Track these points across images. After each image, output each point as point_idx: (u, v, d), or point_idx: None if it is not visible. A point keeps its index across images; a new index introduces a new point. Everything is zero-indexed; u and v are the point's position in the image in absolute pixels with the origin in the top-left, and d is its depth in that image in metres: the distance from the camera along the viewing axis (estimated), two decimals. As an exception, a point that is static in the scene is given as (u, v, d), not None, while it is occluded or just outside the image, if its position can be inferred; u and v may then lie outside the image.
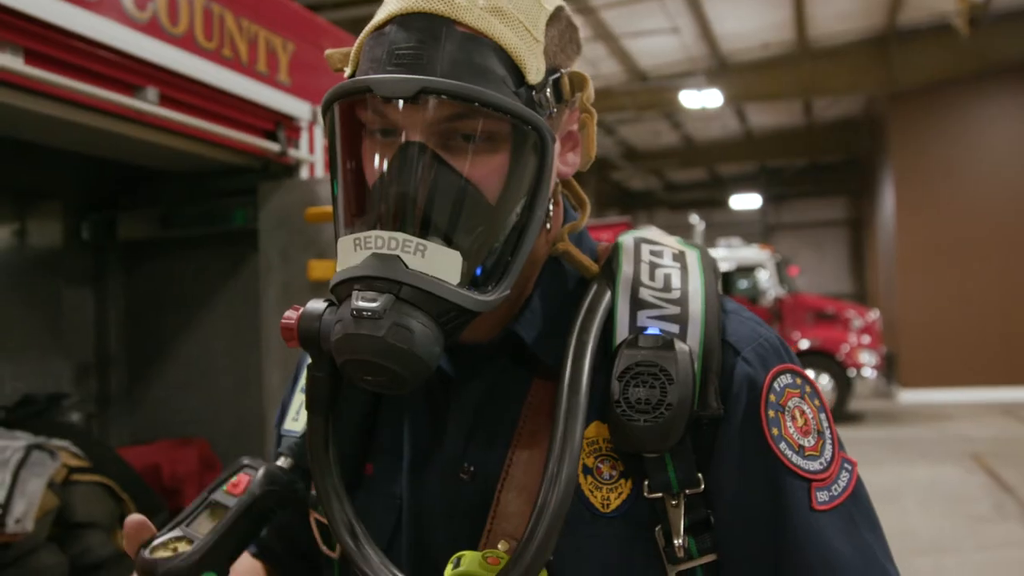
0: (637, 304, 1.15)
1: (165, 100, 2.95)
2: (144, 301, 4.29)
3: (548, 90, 1.10)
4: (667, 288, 1.17)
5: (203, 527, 1.22)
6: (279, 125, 3.53)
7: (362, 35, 1.11)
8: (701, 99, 16.95)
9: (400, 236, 1.01)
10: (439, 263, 1.01)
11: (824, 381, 14.41)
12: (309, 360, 1.27)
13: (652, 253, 1.22)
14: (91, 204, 4.19)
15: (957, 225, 17.43)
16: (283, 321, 1.12)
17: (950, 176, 17.60)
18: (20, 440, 2.86)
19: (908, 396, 17.27)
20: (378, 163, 1.07)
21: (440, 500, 1.16)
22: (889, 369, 16.56)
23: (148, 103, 2.87)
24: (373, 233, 1.02)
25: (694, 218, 17.53)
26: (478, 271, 1.06)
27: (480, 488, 1.14)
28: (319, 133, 3.74)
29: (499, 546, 1.09)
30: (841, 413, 14.13)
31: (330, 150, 1.14)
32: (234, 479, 1.25)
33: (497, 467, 1.14)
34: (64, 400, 3.33)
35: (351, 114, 1.11)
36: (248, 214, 3.87)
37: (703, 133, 22.59)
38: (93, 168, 3.84)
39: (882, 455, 10.91)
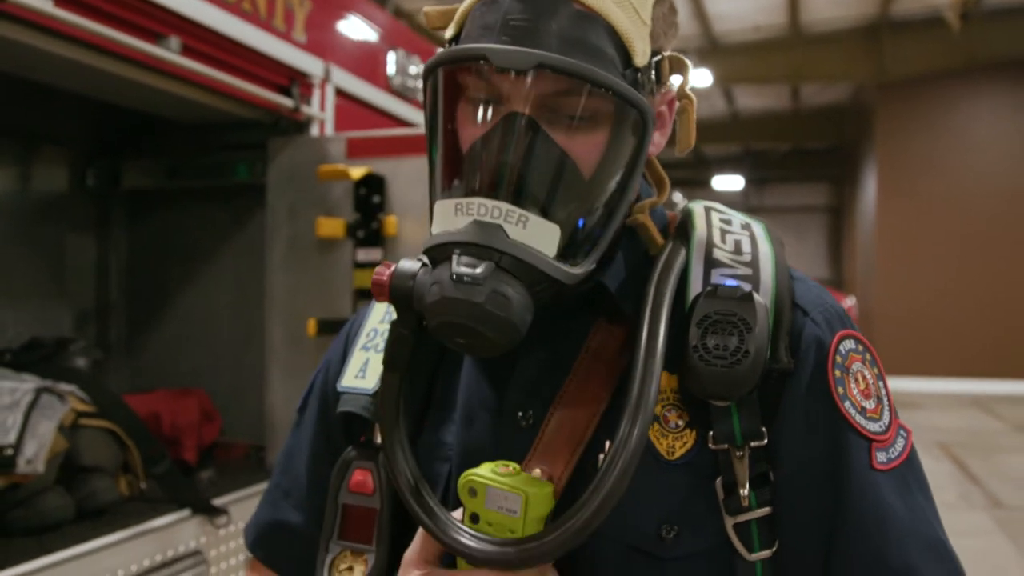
0: (711, 263, 1.18)
1: (187, 50, 2.95)
2: (147, 251, 4.28)
3: (652, 72, 1.12)
4: (738, 252, 1.20)
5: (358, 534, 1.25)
6: (293, 81, 3.53)
7: (469, 0, 1.13)
8: (691, 79, 16.92)
9: (504, 206, 1.03)
10: (539, 235, 1.04)
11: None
12: (369, 323, 1.35)
13: (722, 220, 1.26)
14: (97, 151, 4.17)
15: (938, 217, 17.57)
16: (375, 277, 1.13)
17: (933, 168, 17.72)
18: (28, 383, 2.87)
19: (881, 383, 17.41)
20: (478, 131, 1.09)
21: (495, 448, 1.18)
22: (863, 356, 16.68)
23: (171, 52, 2.87)
24: (476, 200, 1.04)
25: (678, 196, 17.55)
26: (570, 244, 1.08)
27: (535, 433, 1.16)
28: (330, 91, 3.75)
29: (535, 473, 1.11)
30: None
31: (430, 113, 1.15)
32: (352, 476, 1.26)
33: (550, 405, 1.16)
34: (71, 345, 3.33)
35: (452, 79, 1.13)
36: (252, 169, 3.87)
37: (690, 112, 22.58)
38: (100, 115, 3.82)
39: (855, 440, 11.02)
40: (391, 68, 4.25)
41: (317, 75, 3.65)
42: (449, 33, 1.15)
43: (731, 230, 1.24)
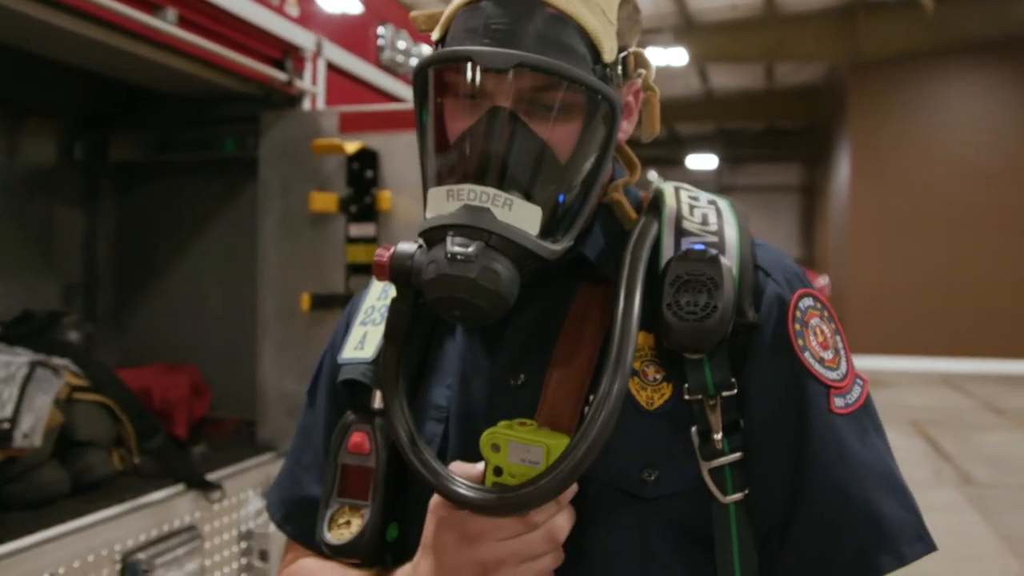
0: (681, 232, 1.31)
1: (183, 22, 2.92)
2: (136, 224, 4.24)
3: (619, 67, 1.24)
4: (705, 223, 1.33)
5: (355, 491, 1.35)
6: (286, 54, 3.51)
7: (454, 5, 1.24)
8: (666, 57, 16.99)
9: (491, 191, 1.15)
10: (523, 216, 1.16)
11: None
12: (367, 301, 1.49)
13: (690, 197, 1.38)
14: (85, 123, 4.12)
15: (909, 197, 17.73)
16: (376, 258, 1.25)
17: (906, 149, 17.86)
18: (22, 356, 2.84)
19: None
20: (467, 124, 1.20)
21: (489, 407, 1.29)
22: (835, 335, 16.84)
23: (167, 23, 2.84)
24: (466, 187, 1.16)
25: (653, 175, 17.66)
26: (550, 223, 1.20)
27: (530, 394, 1.27)
28: (322, 65, 3.72)
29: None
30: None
31: (420, 108, 1.27)
32: (351, 438, 1.36)
33: (544, 367, 1.27)
34: (64, 318, 3.30)
35: (441, 78, 1.24)
36: (242, 142, 3.84)
37: (664, 91, 21.94)
38: (89, 86, 3.77)
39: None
40: (381, 43, 4.22)
41: (309, 49, 3.62)
42: (435, 35, 1.27)
43: (698, 205, 1.36)
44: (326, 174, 3.47)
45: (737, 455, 1.21)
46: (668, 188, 1.39)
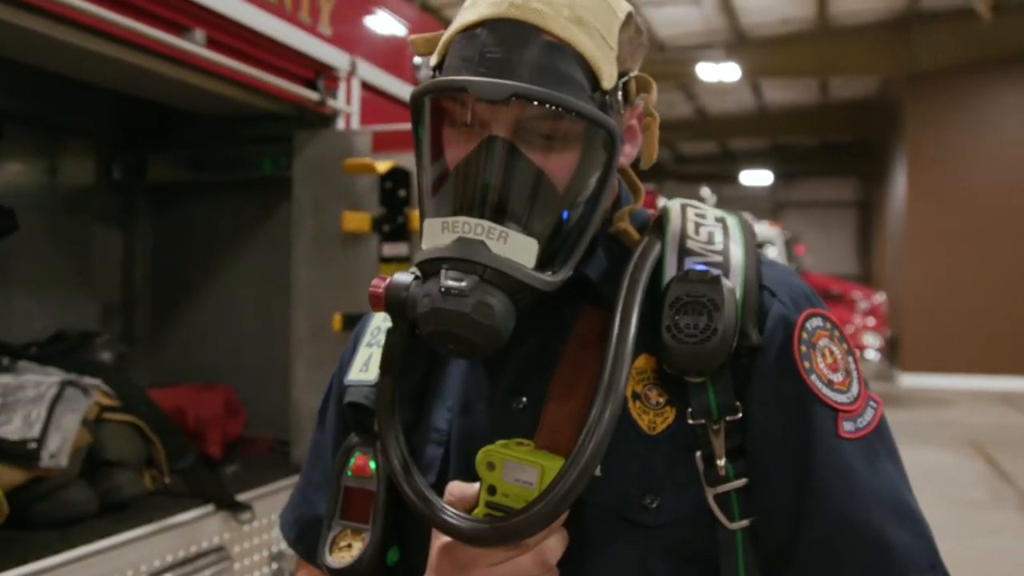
0: (684, 252, 1.28)
1: (212, 43, 2.93)
2: (172, 244, 4.27)
3: (619, 93, 1.22)
4: (710, 242, 1.30)
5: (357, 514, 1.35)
6: (319, 74, 3.52)
7: (450, 31, 1.23)
8: (718, 72, 16.90)
9: (485, 224, 1.14)
10: (518, 249, 1.15)
11: (827, 361, 14.36)
12: (373, 323, 1.49)
13: (697, 215, 1.35)
14: (122, 144, 4.17)
15: (968, 212, 17.40)
16: (371, 289, 1.25)
17: (964, 162, 17.55)
18: (53, 376, 2.86)
19: (909, 380, 17.31)
20: (463, 153, 1.19)
21: (490, 430, 1.26)
22: (892, 352, 16.59)
23: (195, 44, 2.85)
24: (461, 219, 1.15)
25: (705, 191, 17.50)
26: (547, 254, 1.19)
27: (531, 417, 1.25)
28: (356, 85, 3.73)
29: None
30: (842, 393, 14.08)
31: (416, 137, 1.26)
32: (354, 462, 1.36)
33: (545, 390, 1.25)
34: (96, 338, 3.33)
35: (437, 107, 1.23)
36: (277, 162, 3.85)
37: (717, 106, 22.50)
38: (126, 107, 3.82)
39: (882, 437, 10.94)
40: (417, 60, 4.22)
41: (343, 68, 3.63)
42: (433, 61, 1.26)
43: (705, 223, 1.33)
44: (359, 193, 3.46)
45: (743, 481, 1.20)
46: (675, 206, 1.37)
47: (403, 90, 4.10)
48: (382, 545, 1.31)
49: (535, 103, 1.13)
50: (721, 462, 1.18)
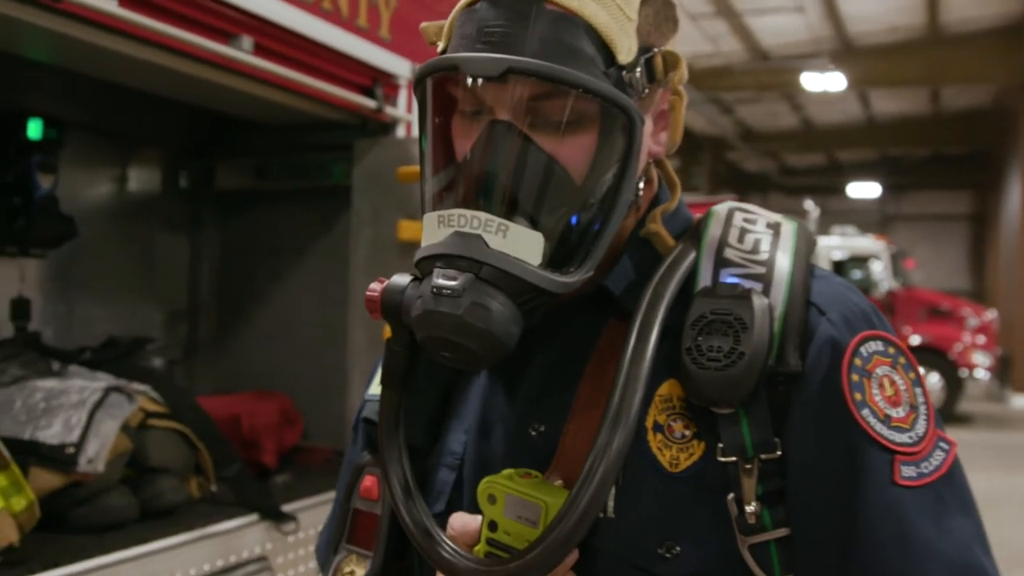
0: (721, 263, 1.13)
1: (259, 50, 2.92)
2: (237, 251, 4.30)
3: (639, 70, 1.09)
4: (755, 251, 1.14)
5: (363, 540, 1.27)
6: (376, 81, 3.48)
7: (454, 11, 1.13)
8: (823, 82, 16.57)
9: (483, 216, 1.02)
10: (521, 244, 1.02)
11: (934, 380, 13.96)
12: None
13: (745, 220, 1.19)
14: (190, 153, 4.22)
15: (1088, 226, 16.70)
16: (367, 293, 1.15)
17: (1083, 174, 16.86)
18: (100, 382, 2.89)
19: (1021, 401, 16.65)
20: (467, 141, 1.08)
21: (505, 457, 1.16)
22: (1003, 372, 16.00)
23: (242, 52, 2.84)
24: (456, 212, 1.04)
25: (808, 204, 17.15)
26: (561, 252, 1.06)
27: (550, 444, 1.13)
28: (418, 91, 3.69)
29: (556, 483, 1.09)
30: (949, 414, 13.65)
31: (420, 125, 1.15)
32: (363, 482, 1.28)
33: (565, 414, 1.14)
34: (148, 345, 3.36)
35: (443, 91, 1.12)
36: (342, 170, 3.85)
37: (823, 117, 22.05)
38: (193, 117, 3.85)
39: (987, 460, 10.51)
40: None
41: (403, 75, 3.59)
42: (440, 47, 1.16)
43: (753, 229, 1.17)
44: (416, 202, 3.41)
45: (783, 531, 1.05)
46: (720, 210, 1.21)
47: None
48: (383, 572, 1.23)
49: (535, 79, 1.02)
50: (751, 508, 1.04)
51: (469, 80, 1.05)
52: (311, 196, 4.03)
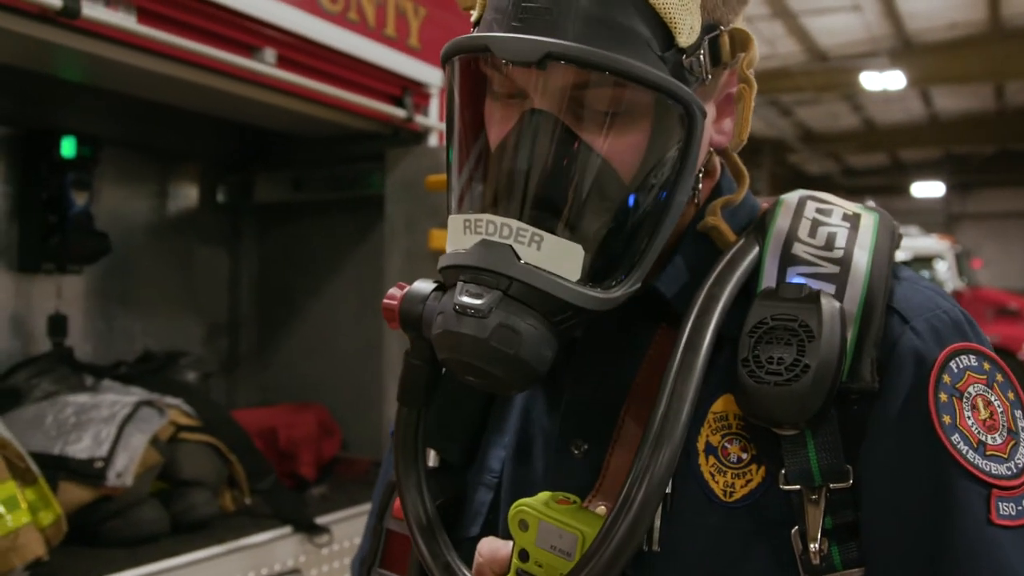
0: (788, 260, 1.00)
1: (283, 62, 2.92)
2: (275, 264, 4.33)
3: (703, 52, 0.95)
4: (828, 247, 1.00)
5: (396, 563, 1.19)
6: (406, 91, 3.47)
7: None
8: (883, 81, 16.35)
9: (514, 223, 0.90)
10: (557, 256, 0.90)
11: (1001, 382, 13.64)
12: None
13: (818, 211, 1.05)
14: (227, 166, 4.25)
15: None
16: (385, 300, 1.06)
17: None
18: (132, 396, 2.91)
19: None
20: (499, 131, 0.97)
21: (544, 477, 1.07)
22: (1071, 376, 15.60)
23: (265, 64, 2.85)
24: (485, 217, 0.92)
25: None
26: (602, 263, 0.94)
27: (592, 464, 1.03)
28: (449, 100, 3.68)
29: (598, 509, 0.98)
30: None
31: (447, 110, 1.04)
32: (396, 501, 1.18)
33: (610, 432, 1.03)
34: (182, 359, 3.39)
35: (473, 71, 0.99)
36: (376, 180, 3.84)
37: (884, 116, 21.67)
38: (229, 131, 3.88)
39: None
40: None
41: (434, 84, 3.57)
42: (473, 16, 1.03)
43: (827, 222, 1.03)
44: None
45: (857, 572, 0.92)
46: (790, 199, 1.08)
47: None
48: None
49: (578, 66, 0.89)
50: (815, 546, 0.91)
51: (502, 65, 0.94)
52: (347, 207, 4.03)
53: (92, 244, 3.38)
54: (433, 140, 3.62)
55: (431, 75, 3.54)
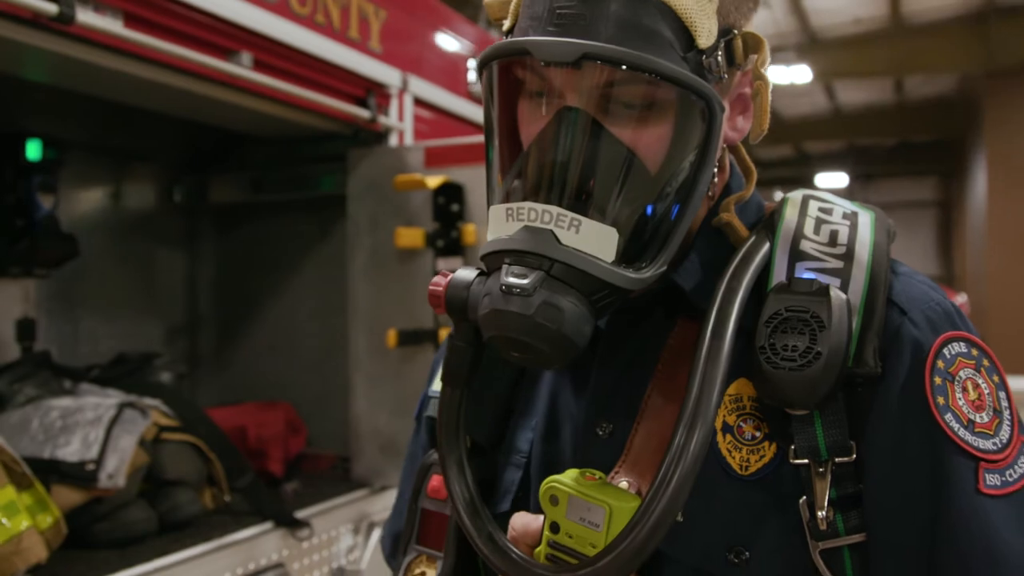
0: (797, 256, 1.09)
1: (259, 65, 2.96)
2: (234, 264, 4.34)
3: (719, 53, 1.04)
4: (832, 243, 1.10)
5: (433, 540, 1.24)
6: (369, 92, 3.53)
7: None
8: (790, 75, 16.66)
9: (554, 210, 0.98)
10: (594, 239, 0.98)
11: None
12: None
13: (821, 209, 1.15)
14: (184, 167, 4.24)
15: (1053, 209, 16.91)
16: (431, 287, 1.11)
17: (1047, 159, 17.07)
18: (112, 398, 2.92)
19: (994, 383, 16.80)
20: (535, 128, 1.04)
21: (572, 456, 1.15)
22: (975, 354, 16.14)
23: (242, 67, 2.88)
24: (527, 204, 1.00)
25: (778, 196, 17.24)
26: (634, 246, 1.02)
27: (618, 446, 1.11)
28: (408, 101, 3.74)
29: (621, 484, 1.06)
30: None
31: (485, 111, 1.11)
32: (431, 482, 1.24)
33: (633, 414, 1.11)
34: (156, 360, 3.39)
35: (509, 74, 1.08)
36: (336, 180, 3.88)
37: (791, 109, 22.16)
38: (187, 132, 3.88)
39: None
40: (472, 75, 4.22)
41: (395, 85, 3.64)
42: (506, 25, 1.11)
43: (829, 219, 1.13)
44: (413, 209, 3.47)
45: (859, 537, 1.01)
46: (794, 198, 1.17)
47: (457, 104, 4.10)
48: (454, 574, 1.20)
49: (612, 66, 0.97)
50: (822, 513, 1.00)
51: (540, 66, 1.01)
52: (307, 207, 4.07)
53: (60, 247, 3.37)
54: (394, 140, 3.68)
55: (391, 76, 3.61)
